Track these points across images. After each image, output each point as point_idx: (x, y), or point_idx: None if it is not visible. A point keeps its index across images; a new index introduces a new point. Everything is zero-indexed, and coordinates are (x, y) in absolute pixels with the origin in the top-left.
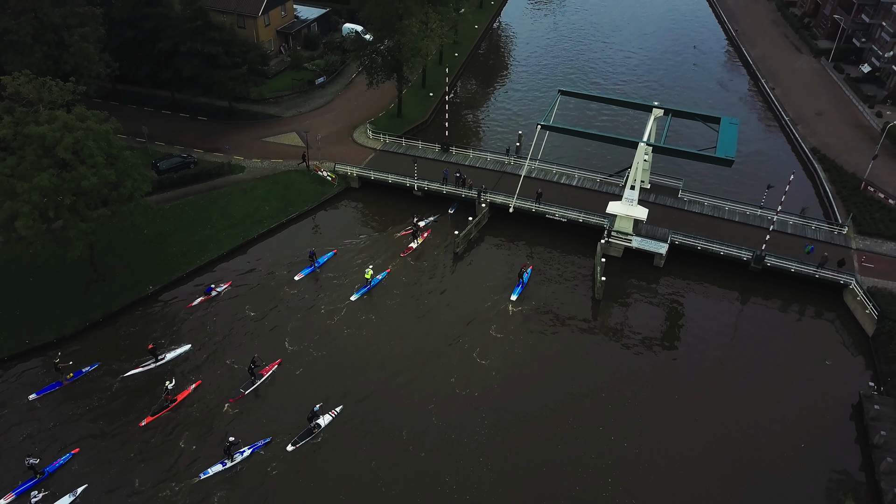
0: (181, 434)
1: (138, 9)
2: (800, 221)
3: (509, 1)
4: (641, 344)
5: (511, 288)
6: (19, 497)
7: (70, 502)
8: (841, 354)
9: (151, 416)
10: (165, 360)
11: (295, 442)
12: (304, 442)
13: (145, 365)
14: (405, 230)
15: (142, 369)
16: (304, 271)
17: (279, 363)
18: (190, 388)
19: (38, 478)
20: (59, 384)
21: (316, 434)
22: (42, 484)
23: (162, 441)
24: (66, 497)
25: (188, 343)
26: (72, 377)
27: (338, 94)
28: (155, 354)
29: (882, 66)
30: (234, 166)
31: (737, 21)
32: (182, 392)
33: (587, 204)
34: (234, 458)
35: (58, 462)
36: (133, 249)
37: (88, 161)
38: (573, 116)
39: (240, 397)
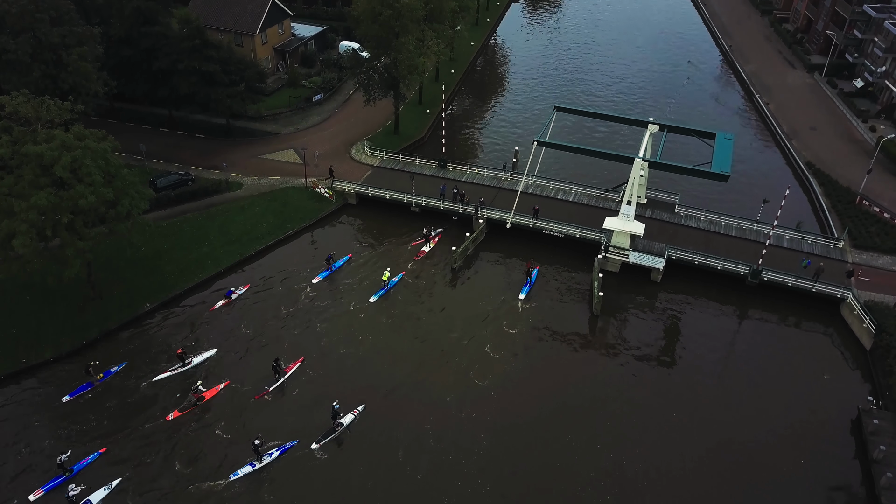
0: (209, 433)
1: (136, 28)
2: (796, 235)
3: (505, 18)
4: (639, 360)
5: (512, 294)
6: (48, 493)
7: (105, 495)
8: (839, 368)
9: (179, 412)
10: (192, 364)
11: (319, 440)
12: (328, 440)
13: (173, 369)
14: (415, 241)
15: (170, 373)
16: (322, 274)
17: (301, 361)
18: (219, 387)
19: (67, 475)
20: (90, 385)
21: (339, 432)
22: (76, 479)
23: (189, 440)
24: (101, 490)
25: (214, 347)
26: (101, 378)
27: (335, 111)
28: (183, 359)
29: (875, 81)
30: (232, 183)
31: (730, 37)
32: (210, 390)
33: (584, 219)
34: (262, 460)
35: (86, 461)
36: (130, 267)
37: (86, 179)
38: (569, 131)
39: (264, 394)
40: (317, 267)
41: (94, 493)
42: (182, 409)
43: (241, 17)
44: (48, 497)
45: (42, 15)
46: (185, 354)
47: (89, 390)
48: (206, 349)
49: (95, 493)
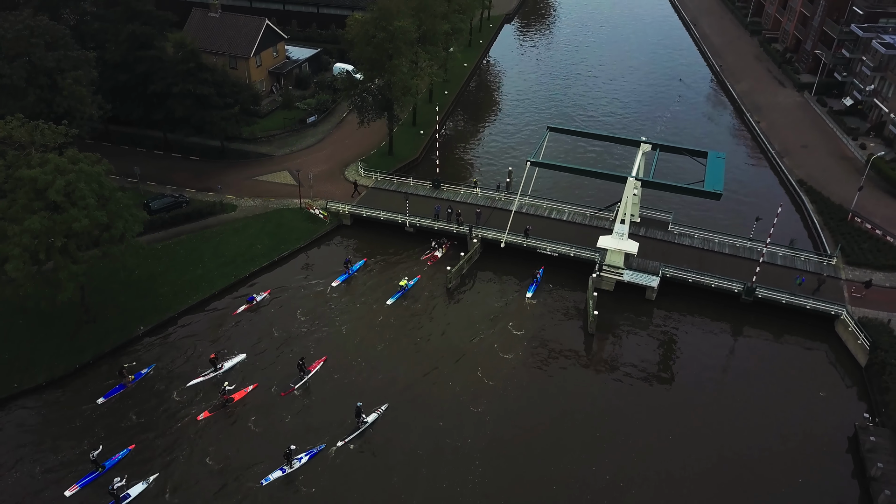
0: (239, 431)
1: (131, 52)
2: (789, 253)
3: (497, 39)
4: (635, 378)
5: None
6: (83, 488)
7: (144, 489)
8: (835, 385)
9: (209, 412)
10: (224, 369)
11: (344, 439)
12: (353, 437)
13: (205, 374)
14: (425, 254)
15: (202, 379)
16: (340, 278)
17: (324, 360)
18: (247, 389)
19: (100, 471)
20: (122, 387)
21: (363, 430)
22: (108, 475)
23: (219, 440)
24: (140, 484)
25: (244, 352)
26: (133, 379)
27: (329, 132)
28: (215, 364)
29: (864, 100)
30: (227, 205)
31: (721, 57)
32: (239, 392)
33: (578, 238)
34: (293, 465)
35: (116, 457)
36: (124, 290)
37: (80, 203)
38: (563, 150)
39: (290, 391)
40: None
41: (133, 487)
42: (211, 409)
43: (235, 41)
44: (82, 492)
45: (37, 40)
46: (218, 360)
47: (122, 391)
48: (236, 354)
49: (134, 486)
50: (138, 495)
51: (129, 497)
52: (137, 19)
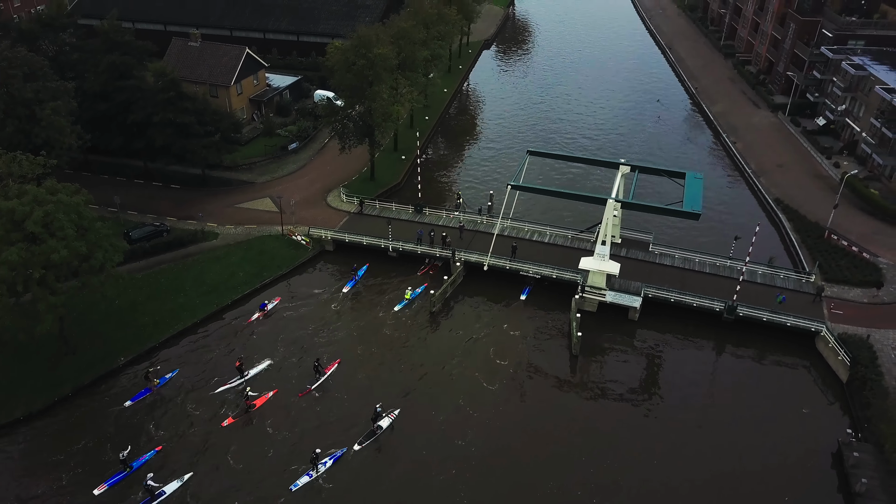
0: (262, 439)
1: (111, 82)
2: (769, 271)
3: (477, 64)
4: (620, 398)
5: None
6: (111, 487)
7: (178, 487)
8: (817, 402)
9: (233, 418)
10: (249, 376)
11: (361, 442)
12: (369, 442)
13: (232, 382)
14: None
15: (229, 386)
16: (349, 284)
17: (338, 363)
18: (268, 395)
19: (128, 471)
20: (148, 391)
21: (378, 435)
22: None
23: (244, 447)
24: (174, 482)
25: (267, 359)
26: (158, 384)
27: (311, 158)
28: (241, 371)
29: (836, 119)
30: (208, 233)
31: (696, 79)
32: (261, 398)
33: (560, 260)
34: (318, 469)
35: (143, 458)
36: (104, 320)
37: (59, 234)
38: (544, 172)
39: (307, 392)
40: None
41: (168, 485)
42: (236, 415)
43: (216, 70)
44: (110, 491)
45: (16, 71)
46: (244, 367)
47: (148, 395)
48: (262, 361)
49: (169, 484)
50: (173, 492)
51: (164, 494)
52: (117, 50)
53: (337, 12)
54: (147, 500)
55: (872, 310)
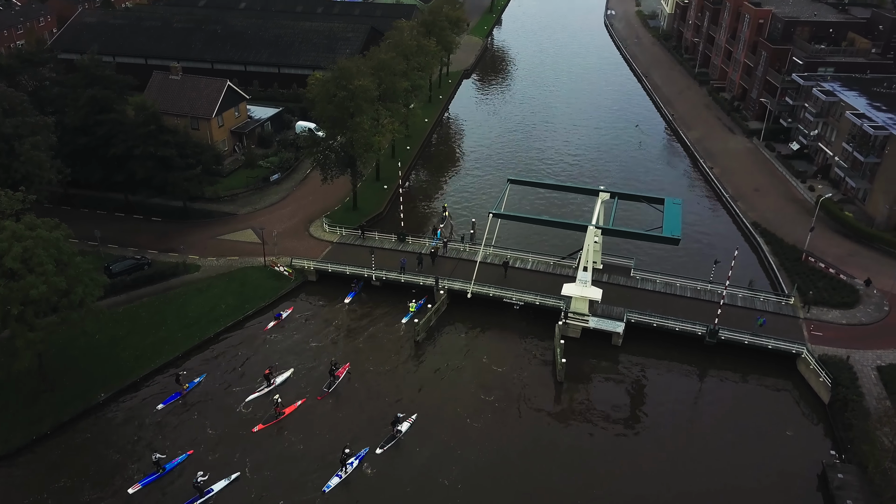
0: (290, 443)
1: (91, 116)
2: (749, 294)
3: (457, 94)
4: (606, 424)
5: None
6: (145, 486)
7: (225, 485)
8: (800, 424)
9: (263, 425)
10: (277, 383)
11: (382, 446)
12: (390, 445)
13: (260, 390)
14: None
15: (258, 394)
16: (350, 295)
17: (348, 367)
18: (296, 404)
19: (161, 472)
20: (178, 394)
21: (398, 438)
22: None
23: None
24: (222, 481)
25: (292, 367)
26: (187, 388)
27: (293, 189)
28: (269, 379)
29: (809, 144)
30: (190, 266)
31: (673, 106)
32: (289, 407)
33: (543, 287)
34: (346, 469)
35: (175, 461)
36: (84, 356)
37: (38, 269)
38: (525, 199)
39: (325, 395)
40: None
41: (217, 483)
42: (265, 422)
43: (197, 102)
44: (143, 491)
45: None
46: (272, 374)
47: (179, 398)
48: (287, 369)
49: (217, 483)
50: (221, 490)
51: (213, 492)
52: (97, 84)
53: (317, 45)
54: (195, 499)
55: (851, 331)
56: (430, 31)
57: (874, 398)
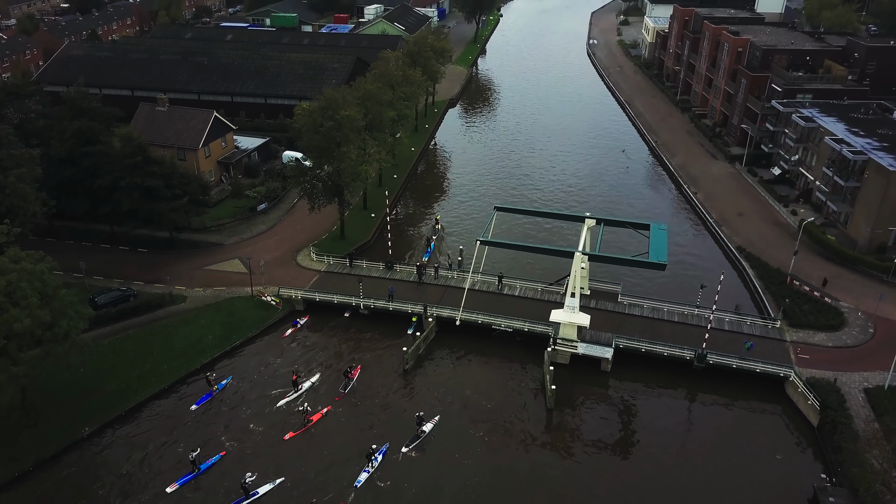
0: (319, 444)
1: (77, 148)
2: (735, 318)
3: (443, 123)
4: (597, 450)
5: None
6: (182, 486)
7: (270, 489)
8: (790, 447)
9: (293, 433)
10: (303, 389)
11: (408, 445)
12: (415, 445)
13: (290, 395)
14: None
15: (288, 399)
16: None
17: (360, 368)
18: (323, 411)
19: (196, 472)
20: (210, 395)
21: (423, 438)
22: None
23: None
24: (267, 484)
25: (318, 372)
26: (216, 389)
27: (280, 219)
28: (296, 385)
29: (790, 169)
30: (176, 296)
31: (656, 133)
32: (316, 414)
33: (531, 313)
34: (372, 465)
35: (209, 461)
36: (68, 389)
37: (21, 303)
38: (513, 226)
39: (342, 396)
40: None
41: (262, 487)
42: (295, 429)
43: (183, 133)
44: (181, 490)
45: None
46: (299, 380)
47: (210, 400)
48: (313, 375)
49: (263, 486)
50: (265, 493)
51: (258, 494)
52: (83, 116)
53: (303, 75)
54: (241, 500)
55: (837, 353)
56: (416, 62)
57: (862, 420)
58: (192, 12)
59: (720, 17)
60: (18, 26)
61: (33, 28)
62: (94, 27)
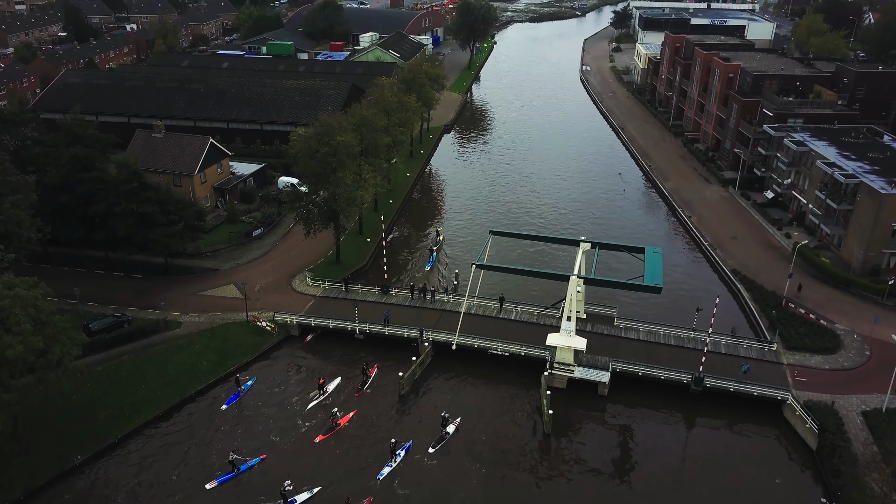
0: (349, 447)
1: (72, 174)
2: (732, 341)
3: (438, 149)
4: (595, 476)
5: None
6: (221, 484)
7: (308, 497)
8: (789, 471)
9: (323, 436)
10: (329, 392)
11: (434, 445)
12: (440, 445)
13: (317, 398)
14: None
15: (316, 402)
16: (232, 398)
17: (376, 368)
18: (349, 415)
19: (235, 472)
20: (238, 395)
21: (447, 439)
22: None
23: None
24: (304, 493)
25: (339, 376)
26: (243, 389)
27: (275, 244)
28: (322, 388)
29: (783, 192)
30: (171, 322)
31: (649, 157)
32: (344, 417)
33: (527, 337)
34: (395, 459)
35: (249, 463)
36: (61, 416)
37: (14, 329)
38: (508, 249)
39: (361, 392)
40: None
41: (300, 494)
42: (325, 432)
43: (179, 160)
44: (220, 488)
45: None
46: (325, 384)
47: (238, 400)
48: (336, 378)
49: (300, 494)
50: (303, 503)
51: (296, 502)
52: (79, 142)
53: (299, 102)
54: None
55: (834, 376)
56: (411, 88)
57: (861, 444)
58: (188, 40)
59: (711, 44)
60: (16, 55)
61: (31, 56)
62: (92, 55)
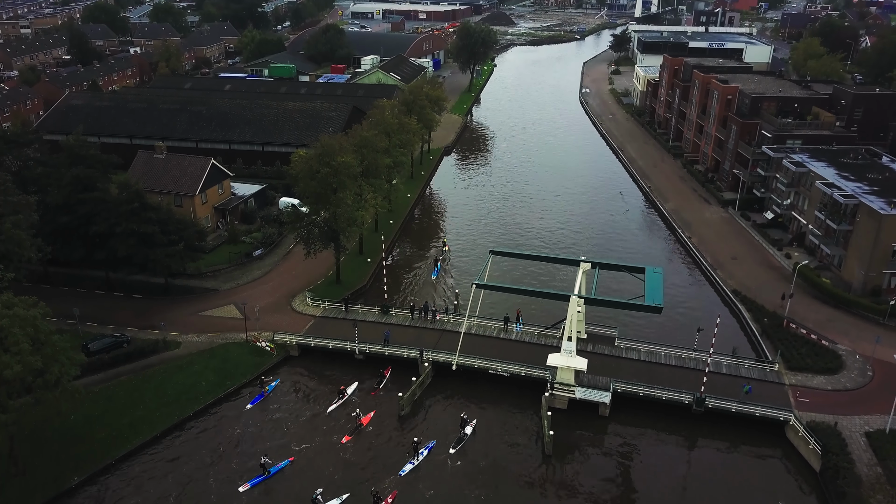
0: (371, 446)
1: (74, 195)
2: (733, 361)
3: (438, 170)
4: (595, 497)
5: None
6: (253, 487)
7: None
8: (792, 492)
9: (349, 436)
10: (347, 396)
11: (454, 446)
12: (460, 446)
13: (338, 401)
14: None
15: (337, 405)
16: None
17: (390, 369)
18: (370, 415)
19: (266, 475)
20: (262, 395)
21: (466, 440)
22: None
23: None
24: (335, 500)
25: (356, 380)
26: (266, 390)
27: (276, 264)
28: (342, 392)
29: (783, 213)
30: (170, 343)
31: (649, 179)
32: (366, 417)
33: (528, 357)
34: (418, 458)
35: (278, 465)
36: (58, 437)
37: (13, 349)
38: (509, 268)
39: (377, 391)
40: None
41: (330, 502)
42: (350, 432)
43: (180, 181)
44: (251, 490)
45: None
46: (345, 388)
47: (262, 400)
48: (353, 382)
49: (330, 501)
50: None
51: None
52: (81, 163)
53: (300, 124)
54: None
55: (836, 396)
56: (411, 110)
57: (865, 465)
58: (191, 63)
59: (709, 66)
60: (20, 77)
61: (35, 79)
62: (95, 78)
